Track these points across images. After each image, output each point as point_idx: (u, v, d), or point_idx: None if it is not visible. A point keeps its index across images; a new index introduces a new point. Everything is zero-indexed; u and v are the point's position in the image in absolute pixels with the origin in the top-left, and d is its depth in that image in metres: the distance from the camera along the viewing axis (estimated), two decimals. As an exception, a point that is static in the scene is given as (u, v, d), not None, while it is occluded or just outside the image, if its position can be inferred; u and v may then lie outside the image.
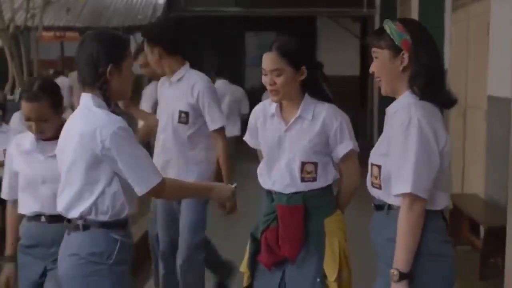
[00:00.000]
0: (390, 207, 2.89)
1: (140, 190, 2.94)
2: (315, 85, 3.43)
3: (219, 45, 16.91)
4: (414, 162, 2.73)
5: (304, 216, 3.35)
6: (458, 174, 8.40)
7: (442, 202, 2.86)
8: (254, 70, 16.87)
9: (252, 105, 13.54)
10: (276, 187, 3.40)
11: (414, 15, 9.96)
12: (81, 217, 2.97)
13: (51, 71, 16.41)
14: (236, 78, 16.66)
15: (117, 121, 2.93)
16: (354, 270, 3.43)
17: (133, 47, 15.13)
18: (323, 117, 3.37)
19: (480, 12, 7.59)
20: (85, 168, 2.94)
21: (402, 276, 2.75)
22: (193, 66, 4.78)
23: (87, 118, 2.96)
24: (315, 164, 3.35)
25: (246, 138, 3.64)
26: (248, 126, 3.62)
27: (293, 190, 3.36)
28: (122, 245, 3.00)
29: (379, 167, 2.88)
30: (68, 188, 3.01)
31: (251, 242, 3.50)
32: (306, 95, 3.41)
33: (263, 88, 3.54)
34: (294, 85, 3.35)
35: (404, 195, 2.76)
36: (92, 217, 2.96)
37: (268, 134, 3.44)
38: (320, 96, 3.43)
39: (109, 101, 2.98)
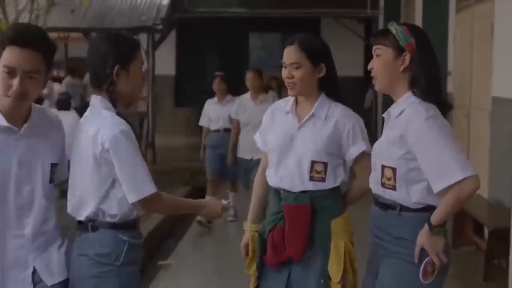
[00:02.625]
0: (402, 208, 2.98)
1: (130, 198, 2.92)
2: (332, 85, 3.45)
3: (223, 46, 16.90)
4: (449, 152, 2.87)
5: (311, 217, 3.35)
6: (462, 175, 8.38)
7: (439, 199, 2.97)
8: (258, 71, 16.86)
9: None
10: (284, 185, 3.40)
11: (418, 16, 9.95)
12: (88, 219, 2.98)
13: (55, 72, 16.46)
14: (239, 79, 16.68)
15: (120, 124, 2.92)
16: (360, 273, 3.42)
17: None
18: (336, 118, 3.38)
19: (484, 13, 7.58)
20: (87, 170, 2.95)
21: (432, 227, 2.91)
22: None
23: (93, 120, 2.96)
24: (325, 164, 3.35)
25: (257, 137, 3.63)
26: (261, 126, 3.62)
27: (301, 188, 3.36)
28: (131, 246, 3.00)
29: (393, 169, 2.96)
30: (73, 191, 3.03)
31: (259, 242, 3.50)
32: (322, 94, 3.43)
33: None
34: (311, 80, 3.38)
35: (457, 183, 2.86)
36: (100, 218, 2.97)
37: (281, 131, 3.45)
38: (336, 97, 3.46)
39: (115, 103, 2.97)
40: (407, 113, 2.96)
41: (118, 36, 3.07)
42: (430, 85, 2.97)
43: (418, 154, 2.91)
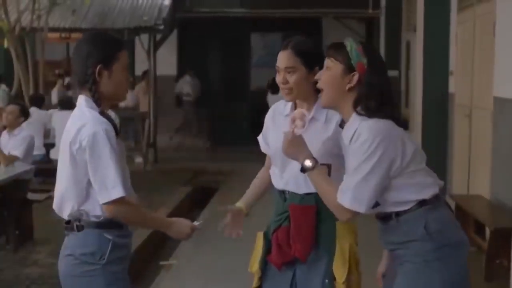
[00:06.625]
0: (397, 214, 2.97)
1: (100, 199, 2.94)
2: None
3: (225, 46, 16.91)
4: (356, 182, 2.89)
5: (316, 217, 3.34)
6: (463, 175, 8.39)
7: (434, 185, 2.99)
8: (260, 71, 16.86)
9: (256, 106, 13.49)
10: (289, 187, 3.39)
11: (420, 16, 9.95)
12: (74, 218, 3.01)
13: (56, 72, 16.47)
14: (241, 79, 16.70)
15: (102, 123, 2.94)
16: (363, 274, 3.41)
17: (138, 48, 15.11)
18: (336, 120, 3.34)
19: (486, 12, 7.58)
20: (67, 168, 2.99)
21: (302, 170, 3.06)
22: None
23: (77, 119, 3.00)
24: (329, 166, 3.33)
25: (260, 139, 3.62)
26: (263, 128, 3.60)
27: (306, 190, 3.35)
28: (115, 245, 3.02)
29: None
30: (56, 190, 3.08)
31: (264, 242, 3.49)
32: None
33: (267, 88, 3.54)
34: (306, 85, 3.34)
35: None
36: (85, 218, 2.99)
37: (282, 134, 3.43)
38: None
39: (98, 102, 2.99)
40: (356, 135, 2.92)
41: (101, 36, 3.10)
42: (380, 107, 2.92)
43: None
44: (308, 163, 3.03)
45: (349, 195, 2.89)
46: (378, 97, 2.92)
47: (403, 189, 2.93)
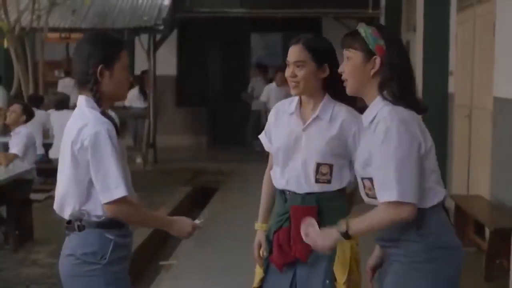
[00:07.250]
0: None
1: (102, 198, 2.94)
2: (336, 86, 3.42)
3: (225, 46, 16.90)
4: (395, 171, 2.77)
5: (317, 218, 3.34)
6: (463, 176, 8.39)
7: (440, 195, 2.94)
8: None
9: (256, 106, 13.40)
10: (290, 187, 3.39)
11: (420, 16, 9.95)
12: (75, 218, 3.01)
13: (56, 72, 16.46)
14: (241, 78, 16.67)
15: (103, 123, 2.95)
16: (364, 274, 3.42)
17: (138, 48, 15.09)
18: (341, 120, 3.36)
19: (486, 12, 7.58)
20: (68, 168, 2.99)
21: (346, 235, 2.91)
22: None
23: (78, 119, 3.00)
24: (331, 166, 3.33)
25: (262, 137, 3.62)
26: (266, 126, 3.61)
27: (306, 190, 3.35)
28: (117, 245, 3.02)
29: (370, 179, 2.91)
30: (57, 190, 3.08)
31: (266, 243, 3.50)
32: (327, 95, 3.41)
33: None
34: (314, 80, 3.37)
35: (390, 202, 2.80)
36: (86, 218, 3.00)
37: (285, 132, 3.43)
38: (341, 98, 3.40)
39: (100, 102, 3.00)
40: (376, 121, 2.88)
41: (102, 36, 3.11)
42: (402, 89, 2.88)
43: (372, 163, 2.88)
44: (343, 229, 2.92)
45: (394, 188, 2.76)
46: (400, 79, 2.88)
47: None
